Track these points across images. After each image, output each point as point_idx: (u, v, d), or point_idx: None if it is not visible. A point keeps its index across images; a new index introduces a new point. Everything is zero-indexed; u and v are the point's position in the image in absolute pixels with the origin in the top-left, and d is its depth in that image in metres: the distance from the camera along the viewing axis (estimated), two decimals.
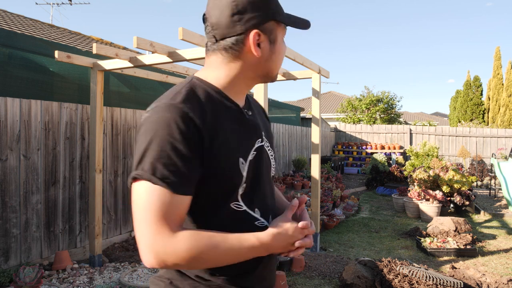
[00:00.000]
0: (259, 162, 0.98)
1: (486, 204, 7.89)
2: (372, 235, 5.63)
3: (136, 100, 5.25)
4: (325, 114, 21.02)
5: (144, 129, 0.84)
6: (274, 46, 0.95)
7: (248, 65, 0.95)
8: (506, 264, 4.34)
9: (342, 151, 14.06)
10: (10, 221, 3.56)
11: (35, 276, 3.04)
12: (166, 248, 0.80)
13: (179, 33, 2.89)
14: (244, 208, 0.94)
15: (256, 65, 0.96)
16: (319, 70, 4.60)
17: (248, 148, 0.95)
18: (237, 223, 0.92)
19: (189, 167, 0.82)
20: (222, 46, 0.93)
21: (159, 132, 0.81)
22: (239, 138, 0.94)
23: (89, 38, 8.02)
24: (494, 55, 19.39)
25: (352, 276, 3.32)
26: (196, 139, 0.83)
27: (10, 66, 3.66)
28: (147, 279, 3.64)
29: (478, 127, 15.22)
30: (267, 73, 0.99)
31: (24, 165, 3.68)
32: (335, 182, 8.50)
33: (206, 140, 0.85)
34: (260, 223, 0.97)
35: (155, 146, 0.81)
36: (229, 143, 0.90)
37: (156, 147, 0.81)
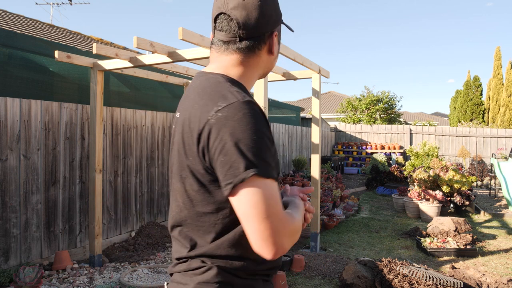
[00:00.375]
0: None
1: (486, 204, 7.89)
2: (372, 235, 5.63)
3: (136, 100, 5.26)
4: (325, 114, 21.02)
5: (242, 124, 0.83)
6: (278, 46, 1.06)
7: (261, 63, 1.03)
8: (506, 264, 4.34)
9: (342, 151, 14.06)
10: (10, 221, 3.56)
11: (35, 276, 3.04)
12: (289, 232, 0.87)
13: (179, 33, 2.89)
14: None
15: (266, 63, 1.04)
16: (319, 70, 4.60)
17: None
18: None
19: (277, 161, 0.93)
20: (245, 45, 0.98)
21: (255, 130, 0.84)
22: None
23: (89, 38, 8.02)
24: (494, 55, 19.39)
25: (352, 276, 3.32)
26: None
27: (10, 66, 3.66)
28: (147, 279, 3.64)
29: (478, 127, 15.22)
30: (269, 70, 1.08)
31: (24, 165, 3.69)
32: (335, 182, 8.49)
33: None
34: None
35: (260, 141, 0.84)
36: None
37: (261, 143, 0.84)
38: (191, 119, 0.91)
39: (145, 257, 4.26)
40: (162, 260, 4.20)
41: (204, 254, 0.95)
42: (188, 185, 0.94)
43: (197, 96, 0.94)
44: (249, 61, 1.00)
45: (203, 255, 0.95)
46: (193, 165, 0.91)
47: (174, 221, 1.01)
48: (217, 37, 1.00)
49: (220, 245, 0.94)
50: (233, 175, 0.82)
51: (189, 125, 0.91)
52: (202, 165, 0.89)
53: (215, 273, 0.94)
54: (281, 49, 3.56)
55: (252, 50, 0.99)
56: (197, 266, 0.96)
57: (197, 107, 0.91)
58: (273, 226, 0.83)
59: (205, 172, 0.90)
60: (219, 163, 0.84)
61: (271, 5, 0.99)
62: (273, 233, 0.83)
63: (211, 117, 0.86)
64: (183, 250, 0.99)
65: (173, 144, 1.01)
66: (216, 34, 1.00)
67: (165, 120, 5.66)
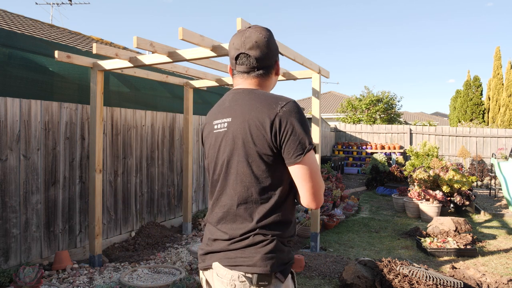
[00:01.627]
0: None
1: (486, 204, 7.89)
2: (372, 235, 5.63)
3: (136, 100, 5.25)
4: (325, 114, 21.02)
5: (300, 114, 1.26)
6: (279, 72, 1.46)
7: (271, 83, 1.44)
8: (506, 264, 4.34)
9: (342, 151, 14.06)
10: (10, 221, 3.56)
11: (35, 276, 3.04)
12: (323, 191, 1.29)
13: (179, 33, 2.89)
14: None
15: (274, 81, 1.46)
16: (319, 70, 4.60)
17: None
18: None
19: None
20: (261, 73, 1.37)
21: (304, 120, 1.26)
22: None
23: (89, 38, 8.02)
24: (494, 55, 19.39)
25: (352, 276, 3.32)
26: None
27: (10, 66, 3.66)
28: (147, 279, 3.64)
29: (478, 127, 15.21)
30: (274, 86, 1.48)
31: (24, 165, 3.68)
32: (335, 182, 8.49)
33: None
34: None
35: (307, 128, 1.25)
36: None
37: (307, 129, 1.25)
38: (258, 117, 1.24)
39: (145, 257, 4.26)
40: (162, 260, 4.20)
41: (265, 226, 1.26)
42: (255, 167, 1.25)
43: (253, 102, 1.29)
44: (265, 82, 1.41)
45: (264, 227, 1.26)
46: (261, 150, 1.23)
47: (241, 199, 1.28)
48: (238, 69, 1.38)
49: (275, 214, 1.27)
50: (302, 148, 1.21)
51: (257, 120, 1.24)
52: (270, 148, 1.23)
53: (274, 244, 1.25)
54: (281, 49, 3.56)
55: (266, 75, 1.40)
56: (260, 239, 1.25)
57: (260, 108, 1.26)
58: (321, 183, 1.26)
59: (271, 153, 1.23)
60: (290, 141, 1.21)
61: (273, 42, 1.37)
62: (320, 189, 1.26)
63: (279, 111, 1.23)
64: (246, 225, 1.27)
65: (227, 141, 1.31)
66: (237, 67, 1.38)
67: (165, 120, 5.66)
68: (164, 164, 5.64)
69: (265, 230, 1.26)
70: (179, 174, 5.95)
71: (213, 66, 4.23)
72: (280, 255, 1.26)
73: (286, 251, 1.29)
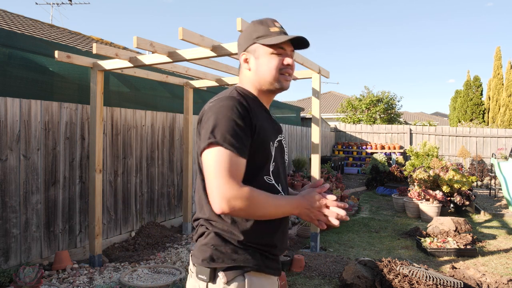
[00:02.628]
0: (280, 150, 1.37)
1: (486, 204, 7.89)
2: (372, 235, 5.63)
3: (136, 100, 5.25)
4: (325, 114, 21.02)
5: (212, 111, 1.19)
6: (258, 61, 1.31)
7: (244, 77, 1.36)
8: (506, 264, 4.34)
9: (342, 151, 14.05)
10: (10, 221, 3.56)
11: (35, 276, 3.04)
12: (236, 195, 1.10)
13: (179, 33, 2.89)
14: (273, 182, 1.29)
15: (251, 77, 1.34)
16: (319, 70, 4.59)
17: (274, 138, 1.33)
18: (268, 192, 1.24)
19: (246, 138, 1.17)
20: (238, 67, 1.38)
21: (226, 113, 1.16)
22: (269, 129, 1.31)
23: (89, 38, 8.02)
24: (495, 55, 19.39)
25: (352, 276, 3.32)
26: (248, 120, 1.19)
27: (10, 66, 3.66)
28: (147, 279, 3.64)
29: (478, 127, 15.21)
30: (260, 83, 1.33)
31: (24, 165, 3.68)
32: (335, 182, 8.48)
33: (253, 122, 1.21)
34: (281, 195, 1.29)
35: (224, 122, 1.15)
36: (265, 129, 1.27)
37: (224, 123, 1.15)
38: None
39: (145, 257, 4.26)
40: (162, 260, 4.20)
41: (208, 219, 1.25)
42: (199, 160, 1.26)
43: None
44: (241, 77, 1.38)
45: (208, 220, 1.25)
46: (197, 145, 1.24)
47: (196, 190, 1.32)
48: None
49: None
50: (205, 140, 1.16)
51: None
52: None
53: (213, 238, 1.22)
54: None
55: (240, 69, 1.38)
56: (202, 231, 1.27)
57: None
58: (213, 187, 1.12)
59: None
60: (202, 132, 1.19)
61: (242, 36, 1.35)
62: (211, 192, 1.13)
63: (206, 106, 1.24)
64: (197, 214, 1.31)
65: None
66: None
67: (165, 120, 5.66)
68: (164, 164, 5.64)
69: (208, 223, 1.25)
70: (179, 174, 5.95)
71: (213, 66, 4.23)
72: (224, 253, 1.21)
73: (239, 253, 1.21)
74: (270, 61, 1.30)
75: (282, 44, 1.30)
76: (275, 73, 1.30)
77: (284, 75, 1.32)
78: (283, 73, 1.32)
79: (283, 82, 1.32)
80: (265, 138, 1.25)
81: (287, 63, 1.31)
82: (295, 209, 1.21)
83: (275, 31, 1.31)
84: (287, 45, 1.32)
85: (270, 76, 1.30)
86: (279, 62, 1.30)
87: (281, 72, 1.31)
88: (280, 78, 1.31)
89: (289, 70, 1.33)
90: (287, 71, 1.32)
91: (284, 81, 1.33)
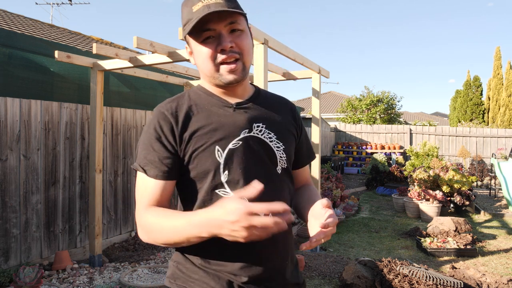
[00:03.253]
0: (244, 151, 1.03)
1: (486, 204, 7.89)
2: (372, 235, 5.63)
3: (136, 100, 5.25)
4: (325, 114, 21.02)
5: (146, 127, 1.07)
6: (194, 54, 1.06)
7: (199, 71, 1.09)
8: (506, 264, 4.34)
9: (342, 151, 14.05)
10: (10, 221, 3.56)
11: (35, 276, 3.04)
12: (140, 222, 0.99)
13: (179, 33, 2.89)
14: (231, 194, 1.00)
15: (199, 70, 1.09)
16: (319, 70, 4.59)
17: (229, 138, 1.03)
18: None
19: (161, 156, 1.00)
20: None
21: (146, 130, 1.04)
22: (220, 129, 1.03)
23: (89, 38, 8.02)
24: (494, 55, 19.39)
25: (352, 276, 3.32)
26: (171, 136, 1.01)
27: (10, 66, 3.66)
28: (147, 279, 3.64)
29: (478, 127, 15.21)
30: (206, 76, 1.07)
31: (24, 165, 3.68)
32: (335, 182, 8.48)
33: (183, 133, 1.01)
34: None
35: (141, 142, 1.04)
36: (206, 133, 1.01)
37: (142, 143, 1.04)
38: None
39: (145, 257, 4.26)
40: (162, 260, 4.20)
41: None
42: None
43: None
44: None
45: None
46: None
47: None
48: None
49: None
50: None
51: None
52: None
53: (177, 253, 1.09)
54: (281, 49, 3.56)
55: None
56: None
57: None
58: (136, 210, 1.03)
59: None
60: None
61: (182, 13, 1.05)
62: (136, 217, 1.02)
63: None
64: None
65: None
66: None
67: None
68: None
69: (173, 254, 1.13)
70: None
71: None
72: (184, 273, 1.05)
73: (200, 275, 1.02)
74: (200, 52, 1.01)
75: (206, 26, 0.97)
76: (211, 66, 1.01)
77: (225, 64, 1.00)
78: (222, 62, 1.00)
79: (225, 74, 1.01)
80: (205, 146, 1.00)
81: (220, 48, 0.98)
82: (202, 230, 0.85)
83: (197, 9, 0.97)
84: (216, 22, 0.97)
85: (207, 70, 1.02)
86: (210, 50, 0.99)
87: (218, 62, 1.00)
88: (221, 70, 1.01)
89: (228, 55, 0.98)
90: (225, 57, 0.99)
91: (227, 73, 1.01)
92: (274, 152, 1.09)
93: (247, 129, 1.05)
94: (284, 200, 0.96)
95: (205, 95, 1.08)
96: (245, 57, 1.02)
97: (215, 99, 1.07)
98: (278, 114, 1.15)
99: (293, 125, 1.18)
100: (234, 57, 0.99)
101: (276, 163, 1.09)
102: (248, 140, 1.04)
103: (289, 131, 1.15)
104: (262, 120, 1.09)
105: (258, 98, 1.14)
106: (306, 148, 1.26)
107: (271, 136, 1.09)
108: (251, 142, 1.05)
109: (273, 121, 1.12)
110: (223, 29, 0.98)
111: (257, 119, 1.08)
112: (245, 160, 1.02)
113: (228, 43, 0.97)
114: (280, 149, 1.10)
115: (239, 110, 1.07)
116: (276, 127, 1.11)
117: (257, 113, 1.10)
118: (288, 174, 1.14)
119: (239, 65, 1.01)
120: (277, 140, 1.10)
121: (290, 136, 1.15)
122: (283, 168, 1.11)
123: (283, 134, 1.12)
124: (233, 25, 0.99)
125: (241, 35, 1.01)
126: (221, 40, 0.98)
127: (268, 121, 1.10)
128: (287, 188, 1.12)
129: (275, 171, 1.09)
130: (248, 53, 1.03)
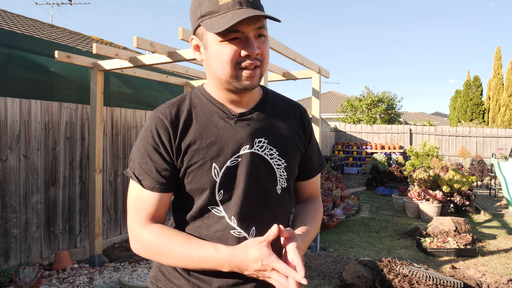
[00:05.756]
0: (242, 170, 0.97)
1: (486, 204, 7.89)
2: (372, 235, 5.63)
3: (136, 100, 5.25)
4: (325, 114, 21.03)
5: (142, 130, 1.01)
6: (207, 51, 0.94)
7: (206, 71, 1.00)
8: (506, 264, 4.34)
9: (342, 151, 14.05)
10: (10, 221, 3.56)
11: (35, 276, 3.04)
12: (136, 236, 0.95)
13: (179, 33, 2.89)
14: (223, 214, 0.97)
15: (207, 71, 0.99)
16: (319, 70, 4.59)
17: (228, 154, 0.97)
18: (213, 228, 0.97)
19: (159, 167, 0.95)
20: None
21: (141, 136, 0.98)
22: (218, 143, 0.97)
23: (89, 38, 8.02)
24: (495, 55, 19.39)
25: (352, 276, 3.32)
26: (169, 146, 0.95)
27: (10, 66, 3.66)
28: (147, 279, 3.64)
29: (478, 127, 15.21)
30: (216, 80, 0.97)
31: (24, 165, 3.69)
32: (335, 182, 8.49)
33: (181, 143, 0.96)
34: (237, 233, 0.96)
35: (137, 149, 0.98)
36: (203, 148, 0.95)
37: (137, 150, 0.97)
38: None
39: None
40: None
41: None
42: None
43: None
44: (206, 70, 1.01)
45: None
46: None
47: None
48: None
49: None
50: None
51: None
52: None
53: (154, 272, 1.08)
54: (281, 49, 3.56)
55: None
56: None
57: None
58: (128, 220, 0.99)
59: None
60: None
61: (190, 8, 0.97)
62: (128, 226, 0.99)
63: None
64: None
65: None
66: None
67: None
68: None
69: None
70: None
71: None
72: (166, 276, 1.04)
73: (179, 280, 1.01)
74: (220, 52, 0.90)
75: (236, 27, 0.87)
76: (230, 69, 0.91)
77: (246, 70, 0.91)
78: (244, 68, 0.91)
79: (244, 80, 0.92)
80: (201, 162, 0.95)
81: (246, 53, 0.89)
82: (223, 267, 0.88)
83: (225, 2, 0.88)
84: (246, 24, 0.88)
85: (223, 73, 0.92)
86: (234, 53, 0.89)
87: (240, 67, 0.91)
88: (239, 75, 0.92)
89: (252, 61, 0.91)
90: (249, 63, 0.90)
91: (246, 79, 0.92)
92: (274, 170, 1.02)
93: (248, 145, 0.99)
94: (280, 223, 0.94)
95: (207, 101, 1.00)
96: (264, 66, 0.95)
97: (216, 108, 0.99)
98: (285, 124, 1.07)
99: (300, 136, 1.10)
100: (256, 64, 0.92)
101: (276, 182, 1.03)
102: (247, 157, 0.98)
103: (294, 145, 1.07)
104: (265, 133, 1.02)
105: (264, 105, 1.05)
106: (316, 158, 1.18)
107: (273, 152, 1.02)
108: (250, 159, 0.98)
109: (277, 135, 1.04)
110: (251, 32, 0.90)
111: (259, 133, 1.00)
112: (243, 179, 0.97)
113: (255, 49, 0.90)
114: (281, 167, 1.03)
115: (241, 123, 0.99)
116: (279, 141, 1.04)
117: (260, 125, 1.02)
118: (288, 193, 1.07)
119: (258, 73, 0.94)
120: (279, 157, 1.03)
121: (295, 150, 1.08)
122: (283, 187, 1.04)
123: (286, 149, 1.05)
124: (260, 30, 0.91)
125: (265, 42, 0.95)
126: (248, 44, 0.89)
127: (271, 134, 1.03)
128: (285, 209, 1.07)
129: (274, 191, 1.02)
130: (267, 62, 0.97)
